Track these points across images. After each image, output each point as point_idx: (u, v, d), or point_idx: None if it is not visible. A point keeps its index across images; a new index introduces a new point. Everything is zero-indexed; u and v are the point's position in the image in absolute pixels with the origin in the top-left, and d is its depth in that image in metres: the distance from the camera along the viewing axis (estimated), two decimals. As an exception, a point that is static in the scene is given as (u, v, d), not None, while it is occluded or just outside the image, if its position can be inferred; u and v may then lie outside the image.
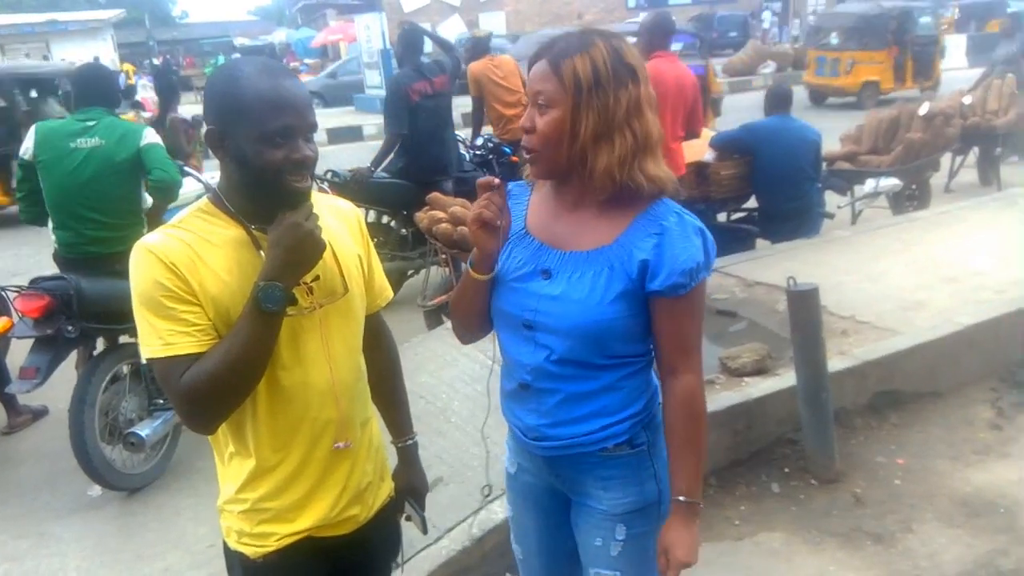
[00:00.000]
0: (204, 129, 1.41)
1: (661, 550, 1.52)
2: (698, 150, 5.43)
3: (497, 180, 1.48)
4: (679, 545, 1.50)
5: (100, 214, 3.51)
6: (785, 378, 3.39)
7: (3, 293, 3.64)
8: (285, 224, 1.33)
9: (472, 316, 1.62)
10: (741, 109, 10.54)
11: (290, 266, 1.33)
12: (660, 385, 1.57)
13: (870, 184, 6.12)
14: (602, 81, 1.39)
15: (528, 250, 1.54)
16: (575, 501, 1.65)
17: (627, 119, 1.41)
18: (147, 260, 1.34)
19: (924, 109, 6.51)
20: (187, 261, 1.34)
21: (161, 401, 3.52)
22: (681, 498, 1.50)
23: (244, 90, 1.33)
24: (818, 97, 15.09)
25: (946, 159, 7.28)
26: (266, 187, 1.36)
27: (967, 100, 7.55)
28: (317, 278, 1.44)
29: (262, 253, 1.37)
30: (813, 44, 16.07)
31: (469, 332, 1.67)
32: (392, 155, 5.48)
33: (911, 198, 6.65)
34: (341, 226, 1.57)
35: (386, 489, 1.69)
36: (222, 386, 1.33)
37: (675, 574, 1.51)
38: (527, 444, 1.63)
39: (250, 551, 1.51)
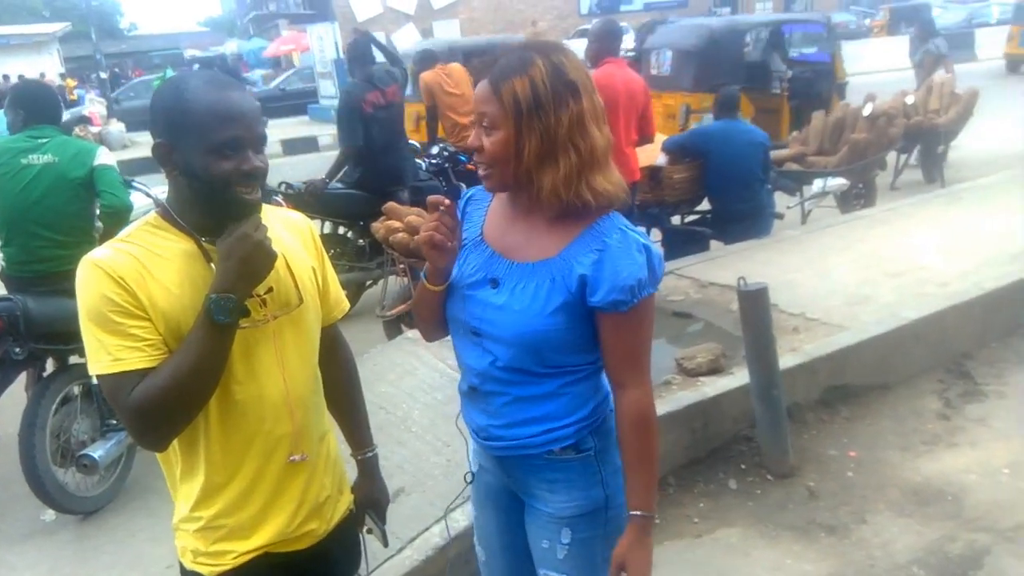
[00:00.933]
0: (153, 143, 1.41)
1: (616, 566, 1.51)
2: (651, 154, 5.51)
3: (448, 201, 1.48)
4: (635, 560, 1.50)
5: (51, 231, 3.45)
6: (739, 376, 3.46)
7: None
8: (235, 235, 1.32)
9: (432, 321, 1.65)
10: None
11: (242, 277, 1.33)
12: (611, 395, 1.58)
13: (818, 184, 6.27)
14: (542, 102, 1.39)
15: (481, 257, 1.56)
16: (526, 502, 1.68)
17: (570, 137, 1.41)
18: (94, 274, 1.32)
19: (868, 110, 6.69)
20: (135, 275, 1.33)
21: (114, 422, 3.46)
22: (637, 512, 1.50)
23: (191, 103, 1.33)
24: (1014, 66, 16.96)
25: (891, 158, 7.49)
26: (215, 199, 1.35)
27: (910, 100, 7.78)
28: (271, 290, 1.44)
29: (213, 266, 1.36)
30: (1019, 21, 17.30)
31: (433, 333, 1.70)
32: (347, 166, 5.47)
33: (858, 197, 6.82)
34: (294, 238, 1.57)
35: (345, 502, 1.69)
36: (173, 401, 1.31)
37: None
38: (480, 443, 1.67)
39: (206, 570, 1.49)
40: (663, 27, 10.20)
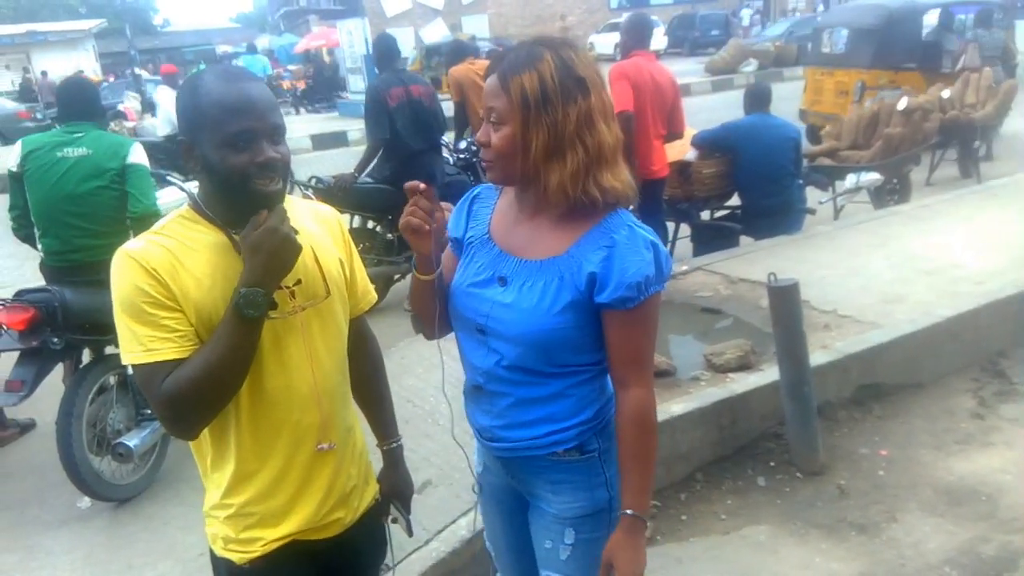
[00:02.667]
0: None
1: (605, 562, 1.51)
2: (680, 149, 5.47)
3: (423, 185, 1.47)
4: (623, 560, 1.48)
5: (86, 221, 3.51)
6: (769, 373, 3.43)
7: None
8: (262, 229, 1.33)
9: (428, 314, 1.63)
10: (721, 108, 10.61)
11: (270, 271, 1.34)
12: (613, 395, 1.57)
13: (851, 179, 6.18)
14: (550, 97, 1.38)
15: (488, 256, 1.55)
16: (531, 503, 1.67)
17: (578, 134, 1.40)
18: (128, 266, 1.34)
19: (903, 104, 6.59)
20: (168, 267, 1.35)
21: (148, 411, 3.51)
22: (628, 511, 1.49)
23: (203, 98, 1.34)
24: None
25: (927, 153, 7.37)
26: (235, 192, 1.36)
27: (946, 94, 7.63)
28: (299, 282, 1.45)
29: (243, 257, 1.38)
30: None
31: (430, 329, 1.67)
32: (377, 161, 5.50)
33: (892, 192, 6.72)
34: (322, 230, 1.58)
35: (371, 492, 1.70)
36: (203, 391, 1.33)
37: None
38: (484, 444, 1.66)
39: (236, 557, 1.51)
40: (838, 6, 10.54)
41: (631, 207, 1.53)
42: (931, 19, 9.43)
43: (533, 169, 1.43)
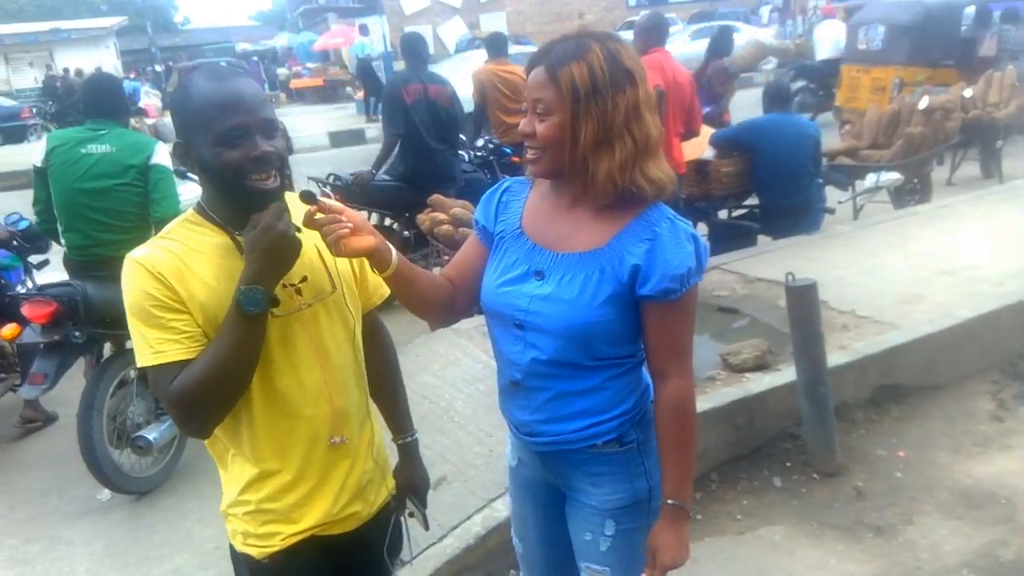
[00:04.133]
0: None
1: (649, 551, 1.54)
2: (698, 148, 5.45)
3: (305, 199, 1.35)
4: (665, 548, 1.52)
5: (107, 217, 3.56)
6: (785, 373, 3.42)
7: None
8: (259, 227, 1.34)
9: (416, 307, 1.61)
10: (743, 106, 10.53)
11: (268, 268, 1.34)
12: (651, 386, 1.58)
13: (871, 179, 6.13)
14: (600, 88, 1.39)
15: (522, 250, 1.55)
16: (568, 495, 1.68)
17: (626, 124, 1.42)
18: (136, 271, 1.36)
19: (924, 103, 6.52)
20: (174, 270, 1.37)
21: (167, 406, 3.55)
22: (670, 501, 1.52)
23: (194, 98, 1.36)
24: None
25: (948, 152, 7.29)
26: (232, 190, 1.37)
27: (968, 93, 7.55)
28: (305, 279, 1.47)
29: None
30: None
31: (430, 321, 1.69)
32: (394, 159, 5.52)
33: (912, 192, 6.65)
34: None
35: (387, 487, 1.72)
36: (211, 390, 1.35)
37: (659, 575, 1.53)
38: (521, 439, 1.67)
39: (256, 552, 1.53)
40: (873, 3, 10.48)
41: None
42: (969, 15, 9.41)
43: (581, 160, 1.44)
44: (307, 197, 1.36)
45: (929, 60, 9.11)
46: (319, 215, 1.37)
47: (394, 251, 1.49)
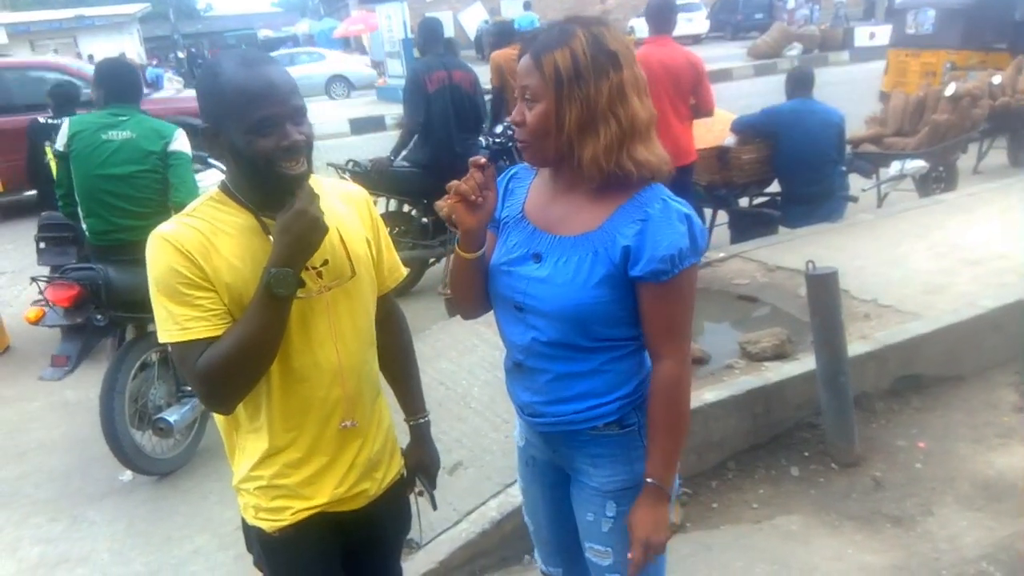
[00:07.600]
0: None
1: (629, 526, 1.55)
2: (719, 135, 5.40)
3: (483, 160, 1.51)
4: (641, 525, 1.53)
5: (128, 202, 3.59)
6: (805, 362, 3.39)
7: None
8: (292, 211, 1.35)
9: (467, 295, 1.66)
10: (765, 93, 10.42)
11: (298, 252, 1.37)
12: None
13: (896, 167, 6.03)
14: (582, 72, 1.40)
15: (523, 234, 1.58)
16: (572, 476, 1.70)
17: (610, 107, 1.42)
18: (163, 248, 1.38)
19: (950, 90, 6.40)
20: (201, 248, 1.38)
21: (188, 388, 3.59)
22: (649, 480, 1.53)
23: (224, 86, 1.36)
24: None
25: (975, 140, 7.16)
26: (261, 176, 1.39)
27: (996, 80, 7.40)
28: (326, 262, 1.49)
29: (271, 238, 1.40)
30: None
31: (468, 310, 1.72)
32: (414, 145, 5.51)
33: (938, 180, 6.54)
34: (349, 210, 1.61)
35: (396, 466, 1.74)
36: (236, 368, 1.38)
37: (638, 551, 1.53)
38: (525, 420, 1.69)
39: (267, 525, 1.56)
40: None
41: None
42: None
43: (567, 144, 1.45)
44: (479, 162, 1.50)
45: (982, 43, 8.96)
46: (479, 174, 1.50)
47: (487, 242, 1.60)
